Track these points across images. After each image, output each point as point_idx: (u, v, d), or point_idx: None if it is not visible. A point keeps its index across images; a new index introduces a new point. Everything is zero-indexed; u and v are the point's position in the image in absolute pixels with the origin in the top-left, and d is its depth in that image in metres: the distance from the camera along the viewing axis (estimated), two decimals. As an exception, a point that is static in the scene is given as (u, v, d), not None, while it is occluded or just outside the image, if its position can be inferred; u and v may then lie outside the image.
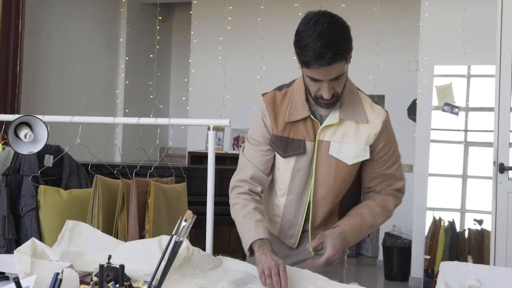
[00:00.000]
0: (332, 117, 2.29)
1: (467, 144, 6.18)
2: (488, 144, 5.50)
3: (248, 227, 2.26)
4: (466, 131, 6.17)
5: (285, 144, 2.33)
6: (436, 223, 5.87)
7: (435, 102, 6.16)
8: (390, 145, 2.35)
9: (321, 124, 2.30)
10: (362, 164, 2.35)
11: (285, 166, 2.36)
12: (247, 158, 2.41)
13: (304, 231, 2.42)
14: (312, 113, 2.31)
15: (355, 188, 2.43)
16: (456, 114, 6.04)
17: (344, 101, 2.30)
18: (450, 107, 6.04)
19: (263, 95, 2.44)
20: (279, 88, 2.45)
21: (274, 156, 2.39)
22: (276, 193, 2.44)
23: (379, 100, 2.82)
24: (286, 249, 2.46)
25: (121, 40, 8.23)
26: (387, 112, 2.36)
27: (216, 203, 3.02)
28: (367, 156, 2.31)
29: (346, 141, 2.29)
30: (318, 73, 2.13)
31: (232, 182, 2.46)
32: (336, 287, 2.17)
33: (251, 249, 2.22)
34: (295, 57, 2.22)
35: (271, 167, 2.41)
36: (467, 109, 6.15)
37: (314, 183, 2.33)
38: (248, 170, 2.39)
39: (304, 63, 2.14)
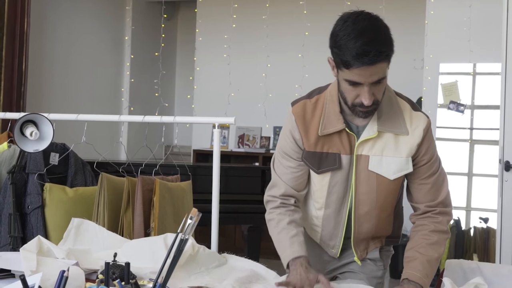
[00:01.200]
0: (370, 130, 2.14)
1: (473, 142, 6.17)
2: (494, 142, 5.48)
3: (284, 245, 2.18)
4: (471, 129, 6.15)
5: (318, 159, 2.19)
6: (442, 221, 5.85)
7: (440, 100, 6.14)
8: (431, 153, 2.20)
9: (357, 136, 2.16)
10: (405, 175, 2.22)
11: (320, 182, 2.23)
12: (278, 175, 2.28)
13: (346, 239, 2.33)
14: (348, 125, 2.16)
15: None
16: (462, 112, 6.02)
17: (382, 111, 2.15)
18: (455, 105, 6.02)
19: (292, 104, 2.25)
20: (309, 95, 2.25)
21: (308, 170, 2.25)
22: (314, 206, 2.32)
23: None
24: (328, 257, 2.40)
25: (126, 38, 8.24)
26: (428, 117, 2.22)
27: (221, 201, 3.03)
28: (410, 169, 2.18)
29: (386, 155, 2.15)
30: (359, 75, 1.97)
31: (265, 197, 2.32)
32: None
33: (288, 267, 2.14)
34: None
35: (307, 180, 2.29)
36: (473, 107, 6.14)
37: (355, 199, 2.22)
38: (280, 187, 2.27)
39: (344, 63, 1.97)
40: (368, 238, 2.34)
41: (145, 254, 2.28)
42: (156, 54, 7.47)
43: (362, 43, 1.93)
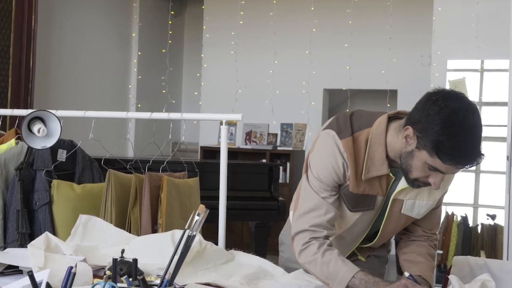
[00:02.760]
0: None
1: (481, 139, 6.14)
2: (502, 139, 5.46)
3: (337, 264, 2.00)
4: (479, 125, 6.12)
5: (356, 199, 2.09)
6: (449, 218, 5.84)
7: (448, 96, 6.12)
8: (447, 189, 2.19)
9: (394, 177, 2.06)
10: None
11: (349, 217, 2.15)
12: (322, 197, 2.08)
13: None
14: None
15: None
16: (469, 108, 5.99)
17: None
18: (463, 102, 6.00)
19: (340, 137, 2.05)
20: (356, 126, 2.07)
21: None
22: None
23: (391, 94, 2.75)
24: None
25: (133, 35, 8.25)
26: None
27: (228, 198, 3.03)
28: (434, 206, 2.18)
29: (420, 199, 2.11)
30: (447, 169, 1.88)
31: (302, 224, 2.09)
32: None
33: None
34: (408, 135, 1.90)
35: None
36: (480, 104, 6.11)
37: (379, 235, 2.21)
38: (329, 211, 2.07)
39: (439, 155, 1.84)
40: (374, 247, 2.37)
41: (152, 251, 2.28)
42: (164, 51, 7.48)
43: (472, 147, 1.85)
